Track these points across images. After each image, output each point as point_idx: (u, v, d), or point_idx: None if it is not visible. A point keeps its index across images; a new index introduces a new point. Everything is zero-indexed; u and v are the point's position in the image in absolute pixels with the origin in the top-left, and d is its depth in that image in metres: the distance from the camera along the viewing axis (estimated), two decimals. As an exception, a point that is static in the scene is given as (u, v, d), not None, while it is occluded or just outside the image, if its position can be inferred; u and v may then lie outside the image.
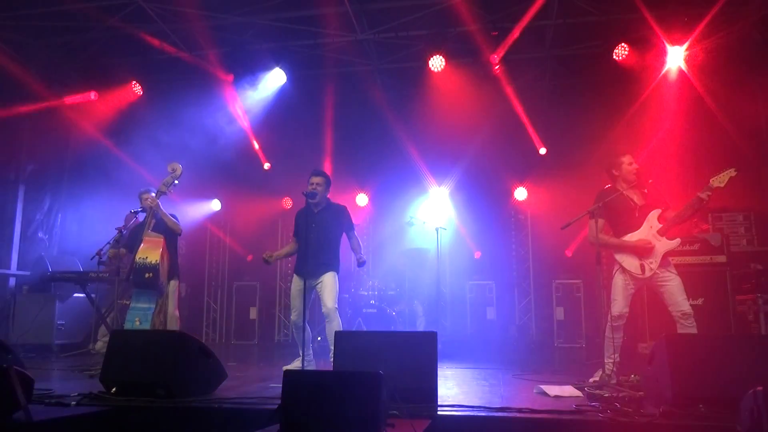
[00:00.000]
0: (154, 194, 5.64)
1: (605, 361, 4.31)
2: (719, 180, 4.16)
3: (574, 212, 4.65)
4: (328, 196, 5.40)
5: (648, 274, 4.38)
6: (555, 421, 3.02)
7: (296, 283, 5.22)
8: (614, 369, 4.34)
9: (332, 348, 4.85)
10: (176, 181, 5.51)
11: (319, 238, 5.16)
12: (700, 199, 4.18)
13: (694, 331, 4.20)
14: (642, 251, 4.38)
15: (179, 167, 5.50)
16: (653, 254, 4.36)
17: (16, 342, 6.77)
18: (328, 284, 5.10)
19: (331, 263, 5.22)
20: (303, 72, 8.40)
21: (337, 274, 5.24)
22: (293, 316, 5.20)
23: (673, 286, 4.31)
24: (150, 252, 5.17)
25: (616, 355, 4.40)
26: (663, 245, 4.36)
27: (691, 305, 4.32)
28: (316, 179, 5.25)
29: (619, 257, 4.52)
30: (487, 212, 9.25)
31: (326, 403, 2.63)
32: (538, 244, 9.29)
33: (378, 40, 7.79)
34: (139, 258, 5.13)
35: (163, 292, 5.26)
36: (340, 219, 5.31)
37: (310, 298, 5.21)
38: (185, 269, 6.40)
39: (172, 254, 5.62)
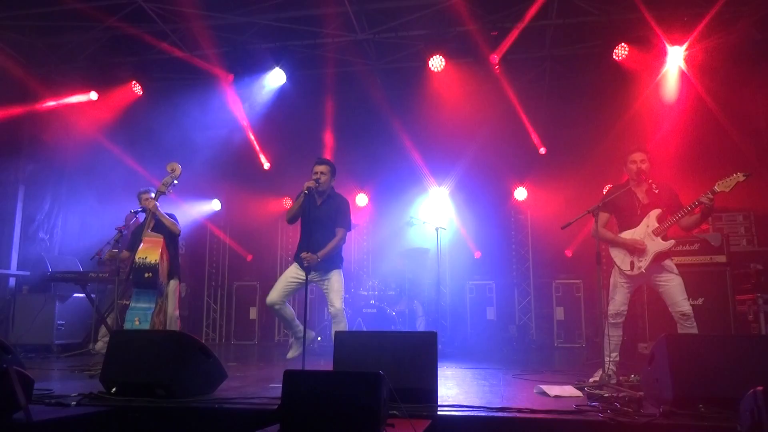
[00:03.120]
0: (153, 194, 5.64)
1: (604, 360, 4.31)
2: (725, 184, 4.13)
3: (574, 212, 4.66)
4: (333, 185, 5.22)
5: (636, 272, 4.40)
6: (555, 421, 3.02)
7: (293, 271, 5.06)
8: (614, 368, 4.34)
9: None
10: (175, 181, 5.52)
11: (322, 232, 5.04)
12: (701, 202, 4.18)
13: (694, 331, 4.20)
14: (633, 250, 4.40)
15: (178, 167, 5.51)
16: (644, 254, 4.37)
17: (16, 342, 6.77)
18: (336, 284, 5.05)
19: (336, 259, 5.14)
20: (303, 72, 8.41)
21: (341, 270, 5.17)
22: (271, 297, 4.99)
23: (672, 287, 4.31)
24: (149, 252, 5.17)
25: (614, 354, 4.40)
26: (656, 246, 4.36)
27: (691, 305, 4.32)
28: (320, 168, 5.07)
29: (612, 252, 4.56)
30: (487, 212, 9.25)
31: (326, 403, 2.63)
32: (538, 244, 9.29)
33: (378, 40, 7.79)
34: (139, 258, 5.13)
35: (162, 292, 5.26)
36: (338, 213, 5.15)
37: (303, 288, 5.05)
38: (185, 269, 6.41)
39: (172, 254, 5.62)
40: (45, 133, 8.32)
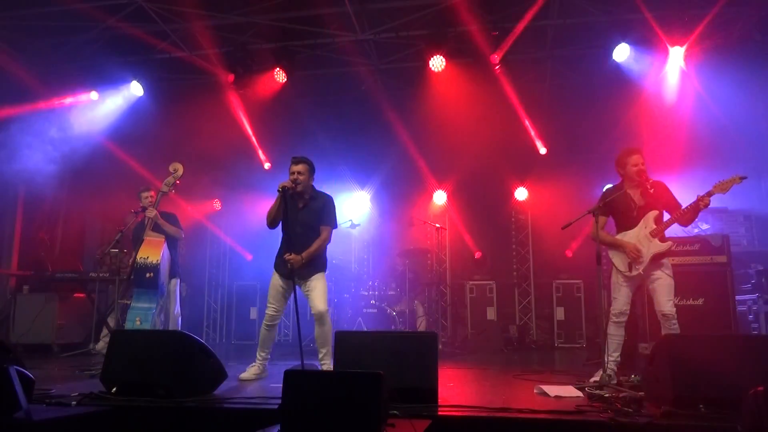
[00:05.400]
0: (153, 192, 5.65)
1: (605, 359, 4.33)
2: (722, 186, 4.18)
3: (574, 212, 4.67)
4: (313, 184, 4.87)
5: (634, 273, 4.44)
6: (555, 422, 3.02)
7: (276, 280, 4.79)
8: (614, 368, 4.34)
9: (321, 350, 4.80)
10: (177, 181, 5.53)
11: (307, 235, 4.72)
12: (698, 204, 4.22)
13: (676, 332, 4.24)
14: (630, 252, 4.43)
15: (180, 167, 5.52)
16: (641, 255, 4.40)
17: (17, 342, 6.77)
18: (319, 286, 4.71)
19: (320, 263, 4.79)
20: (303, 72, 8.40)
21: (325, 274, 4.85)
22: (271, 309, 4.78)
23: (659, 286, 4.35)
24: (151, 252, 5.18)
25: (616, 354, 4.42)
26: (653, 247, 4.40)
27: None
28: (297, 167, 4.70)
29: (611, 254, 4.61)
30: (488, 212, 9.25)
31: (326, 403, 2.63)
32: (538, 244, 9.29)
33: (378, 40, 7.79)
34: (140, 258, 5.15)
35: (164, 291, 5.27)
36: (322, 212, 4.81)
37: (292, 297, 4.79)
38: (185, 269, 6.39)
39: (173, 254, 5.63)
40: (45, 133, 8.32)
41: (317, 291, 4.71)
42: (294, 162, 4.78)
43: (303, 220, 4.78)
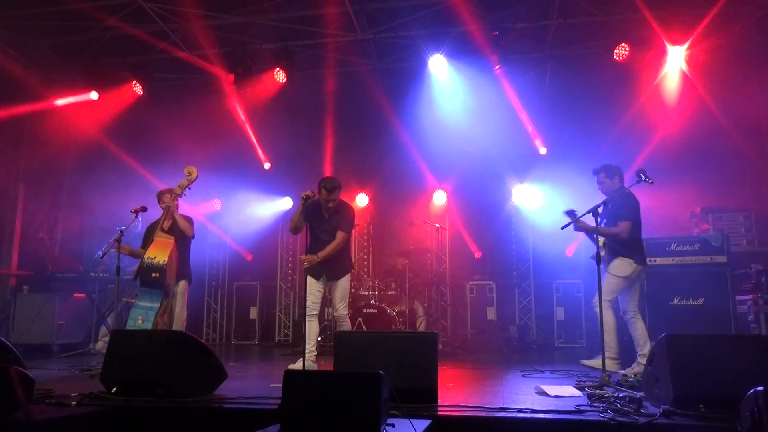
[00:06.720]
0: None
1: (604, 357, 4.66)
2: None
3: (574, 212, 4.69)
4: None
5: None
6: (555, 422, 3.02)
7: (311, 283, 5.16)
8: (642, 361, 4.67)
9: None
10: (191, 184, 5.54)
11: (329, 243, 5.15)
12: None
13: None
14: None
15: (195, 170, 5.54)
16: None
17: (17, 342, 6.77)
18: (343, 289, 5.25)
19: (347, 265, 5.39)
20: (303, 72, 8.40)
21: (349, 274, 5.42)
22: (308, 302, 5.12)
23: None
24: (159, 252, 5.19)
25: (639, 347, 4.84)
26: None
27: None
28: (331, 195, 5.08)
29: None
30: (488, 212, 9.24)
31: (326, 403, 2.63)
32: (538, 244, 9.27)
33: (378, 40, 7.80)
34: (148, 257, 5.16)
35: (169, 292, 5.26)
36: (341, 219, 5.24)
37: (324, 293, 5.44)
38: (184, 269, 6.39)
39: (184, 256, 5.60)
40: (45, 133, 8.32)
41: (339, 294, 5.25)
42: (328, 190, 5.08)
43: (328, 228, 5.23)
